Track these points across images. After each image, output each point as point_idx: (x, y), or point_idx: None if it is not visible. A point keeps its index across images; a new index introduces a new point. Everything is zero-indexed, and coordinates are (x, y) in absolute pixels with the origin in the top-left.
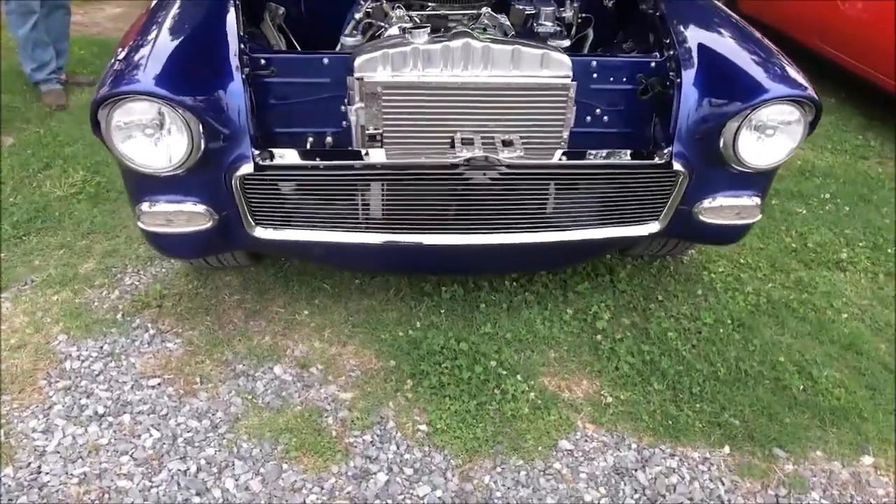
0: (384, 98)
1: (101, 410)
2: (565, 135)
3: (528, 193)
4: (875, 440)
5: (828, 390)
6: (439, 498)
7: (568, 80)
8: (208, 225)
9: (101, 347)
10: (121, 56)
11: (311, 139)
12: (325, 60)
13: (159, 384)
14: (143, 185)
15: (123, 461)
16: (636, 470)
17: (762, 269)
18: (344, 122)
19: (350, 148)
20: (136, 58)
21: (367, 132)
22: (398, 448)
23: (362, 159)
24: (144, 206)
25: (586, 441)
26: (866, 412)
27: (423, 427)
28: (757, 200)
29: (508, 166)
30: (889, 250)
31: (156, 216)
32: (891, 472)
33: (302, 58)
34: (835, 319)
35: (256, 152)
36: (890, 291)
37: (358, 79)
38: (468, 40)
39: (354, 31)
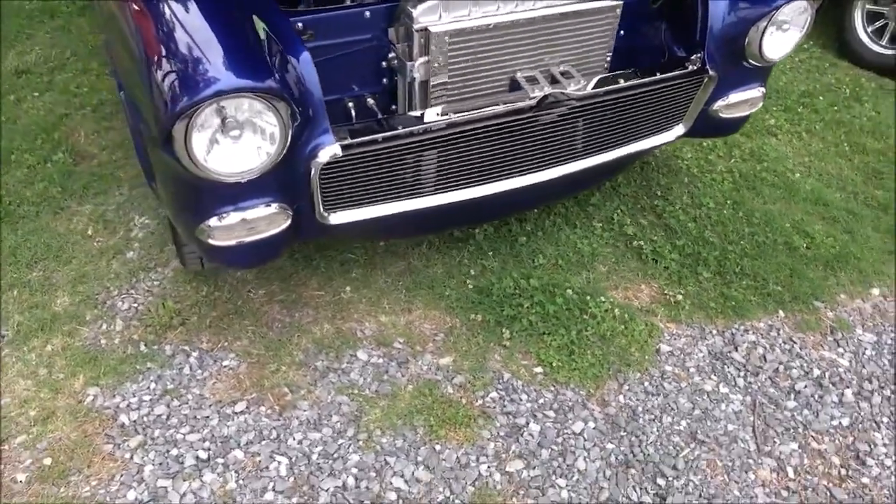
0: (452, 46)
1: (203, 455)
2: (608, 57)
3: (588, 121)
4: (870, 272)
5: (823, 242)
6: (594, 428)
7: (618, 2)
8: (287, 224)
9: (150, 388)
10: (166, 64)
11: (350, 104)
12: (367, 14)
13: (247, 407)
14: (211, 198)
15: (269, 498)
16: (729, 351)
17: (718, 147)
18: (384, 80)
19: (398, 107)
20: (190, 57)
21: (429, 86)
22: (529, 395)
23: (447, 119)
24: (213, 222)
25: (676, 339)
26: (856, 252)
27: (539, 369)
28: (763, 90)
29: (579, 98)
30: (799, 109)
31: (232, 229)
32: (889, 295)
33: (340, 14)
34: (794, 180)
35: (338, 134)
36: (815, 145)
37: (421, 30)
38: None
39: None
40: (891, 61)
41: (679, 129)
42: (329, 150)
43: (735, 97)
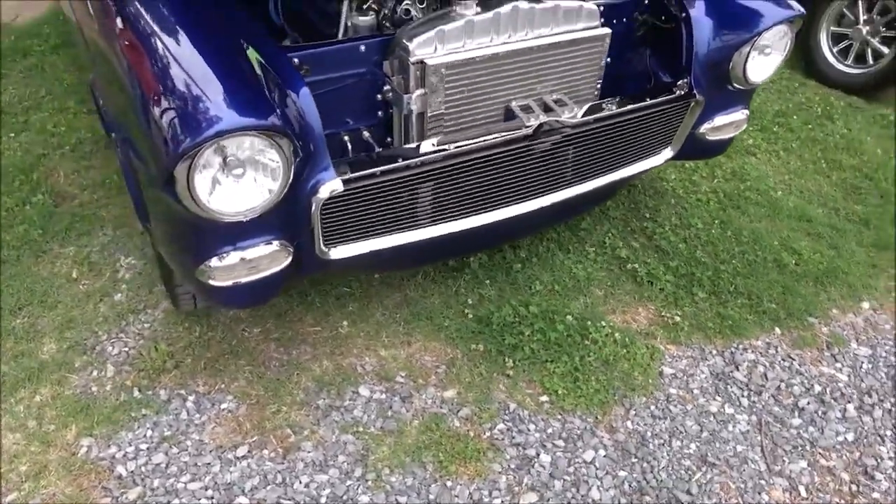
0: (448, 79)
1: None
2: (599, 84)
3: (581, 148)
4: (859, 287)
5: (811, 258)
6: (605, 456)
7: (607, 30)
8: (288, 261)
9: (146, 436)
10: (165, 103)
11: (346, 138)
12: (362, 48)
13: (250, 451)
14: (212, 238)
15: None
16: (731, 371)
17: (701, 168)
18: (379, 113)
19: (394, 140)
20: (190, 95)
21: (426, 118)
22: (536, 425)
23: (444, 150)
24: (214, 262)
25: (677, 361)
26: (843, 267)
27: (544, 398)
28: (747, 112)
29: (573, 126)
30: (774, 129)
31: (233, 268)
32: (883, 307)
33: (336, 49)
34: (777, 198)
35: (338, 168)
36: (794, 163)
37: (417, 62)
38: (516, 4)
39: (364, 10)
40: (856, 80)
41: (668, 153)
42: (330, 186)
43: (721, 120)
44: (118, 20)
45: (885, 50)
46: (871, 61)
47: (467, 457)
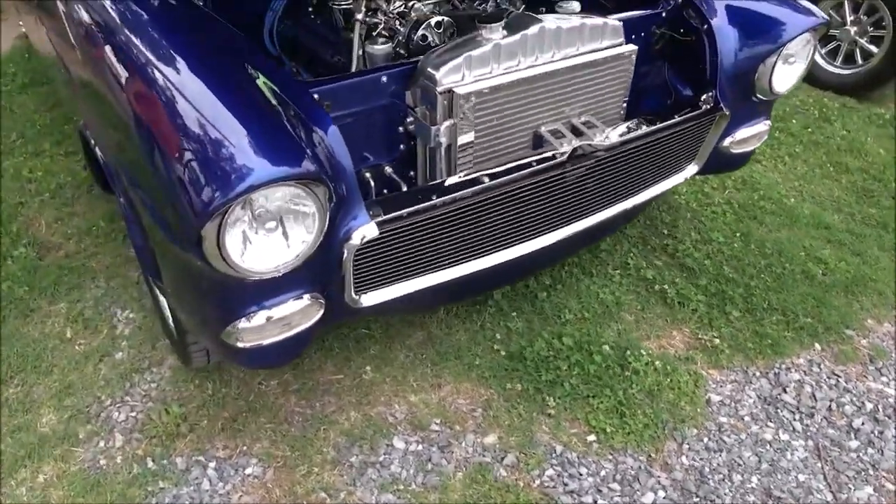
0: (478, 107)
1: None
2: (625, 104)
3: (613, 170)
4: (889, 294)
5: (837, 267)
6: (665, 497)
7: (634, 47)
8: (320, 314)
9: None
10: (187, 154)
11: (368, 175)
12: (384, 79)
13: None
14: (240, 298)
15: None
16: (779, 394)
17: (710, 179)
18: (401, 147)
19: (416, 174)
20: (214, 146)
21: (454, 149)
22: (588, 468)
23: (481, 182)
24: (242, 323)
25: (722, 386)
26: (870, 274)
27: (592, 437)
28: (769, 123)
29: (607, 149)
30: (776, 134)
31: (263, 329)
32: None
33: (357, 81)
34: (791, 206)
35: (371, 210)
36: (800, 168)
37: (445, 91)
38: (542, 24)
39: (374, 38)
40: (847, 80)
41: (693, 168)
42: (364, 230)
43: (744, 132)
44: (109, 55)
45: (874, 49)
46: (860, 61)
47: None
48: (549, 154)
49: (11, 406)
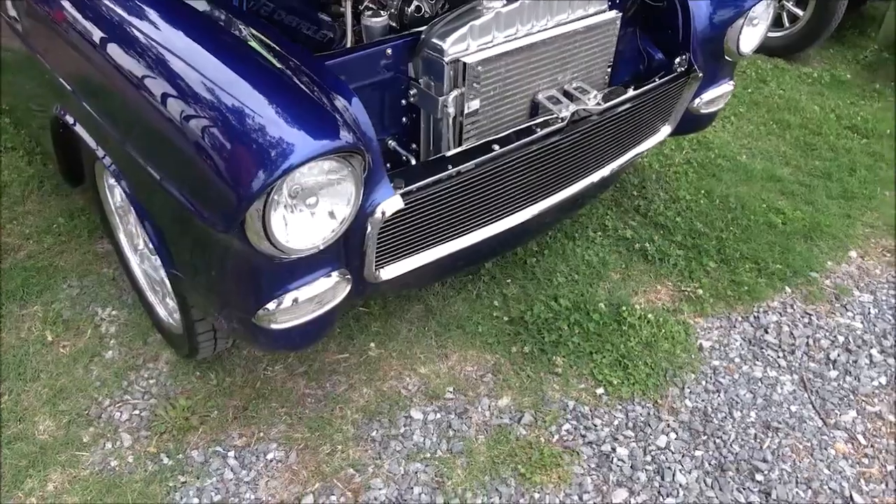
0: (484, 75)
1: None
2: (609, 69)
3: (604, 132)
4: (842, 237)
5: (794, 216)
6: (677, 439)
7: (618, 13)
8: (348, 290)
9: None
10: (221, 135)
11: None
12: (389, 51)
13: (315, 501)
14: (275, 278)
15: None
16: (761, 335)
17: (668, 141)
18: (404, 119)
19: (420, 146)
20: (247, 122)
21: (460, 118)
22: (602, 419)
23: (493, 150)
24: (274, 305)
25: (710, 333)
26: (824, 221)
27: (600, 390)
28: (733, 84)
29: (600, 112)
30: None
31: (298, 308)
32: (865, 255)
33: (364, 55)
34: (745, 163)
35: (392, 182)
36: (746, 127)
37: (453, 61)
38: None
39: (365, 10)
40: (777, 43)
41: (667, 129)
42: (391, 203)
43: (712, 93)
44: (125, 49)
45: (800, 12)
46: (787, 24)
47: (546, 464)
48: (550, 118)
49: (2, 416)
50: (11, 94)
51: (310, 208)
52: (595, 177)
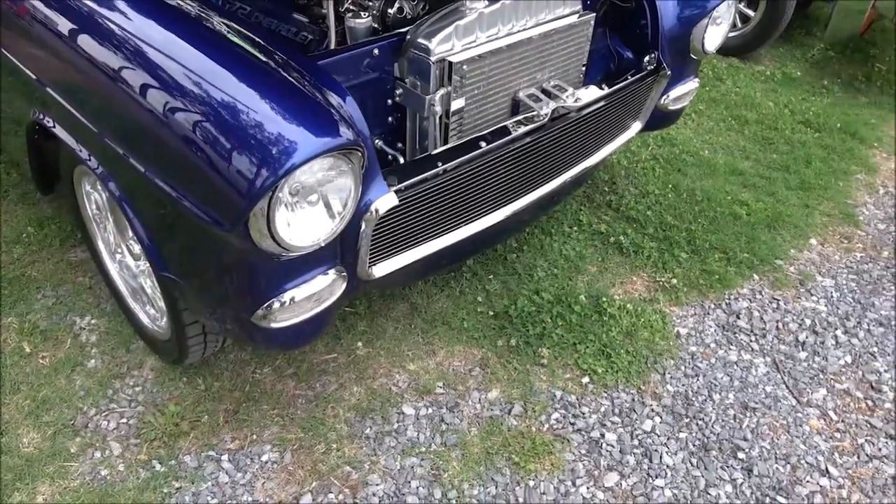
0: (469, 74)
1: None
2: (583, 68)
3: (579, 130)
4: (802, 226)
5: (757, 207)
6: (662, 422)
7: (592, 13)
8: (344, 287)
9: None
10: (229, 138)
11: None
12: (376, 51)
13: (314, 499)
14: (272, 278)
15: None
16: (734, 321)
17: (634, 138)
18: (390, 119)
19: (406, 145)
20: (248, 120)
21: (445, 118)
22: (589, 407)
23: (487, 143)
24: (275, 305)
25: (685, 320)
26: (785, 211)
27: (585, 379)
28: (698, 81)
29: (578, 109)
30: None
31: (296, 306)
32: (825, 242)
33: (352, 55)
34: (708, 157)
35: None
36: (706, 123)
37: (439, 61)
38: None
39: (355, 10)
40: (729, 43)
41: (638, 126)
42: (385, 201)
43: (679, 90)
44: (117, 49)
45: (752, 13)
46: (739, 24)
47: (538, 452)
48: (532, 115)
49: None
50: None
51: (311, 205)
52: (574, 171)
